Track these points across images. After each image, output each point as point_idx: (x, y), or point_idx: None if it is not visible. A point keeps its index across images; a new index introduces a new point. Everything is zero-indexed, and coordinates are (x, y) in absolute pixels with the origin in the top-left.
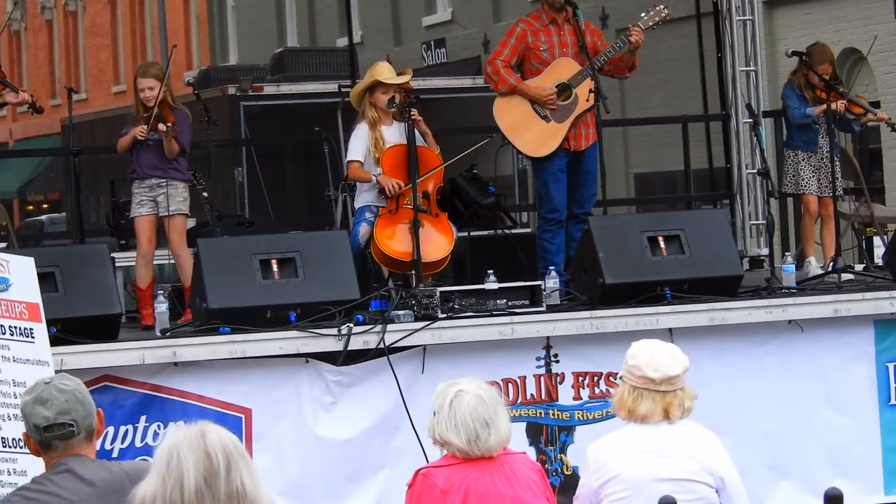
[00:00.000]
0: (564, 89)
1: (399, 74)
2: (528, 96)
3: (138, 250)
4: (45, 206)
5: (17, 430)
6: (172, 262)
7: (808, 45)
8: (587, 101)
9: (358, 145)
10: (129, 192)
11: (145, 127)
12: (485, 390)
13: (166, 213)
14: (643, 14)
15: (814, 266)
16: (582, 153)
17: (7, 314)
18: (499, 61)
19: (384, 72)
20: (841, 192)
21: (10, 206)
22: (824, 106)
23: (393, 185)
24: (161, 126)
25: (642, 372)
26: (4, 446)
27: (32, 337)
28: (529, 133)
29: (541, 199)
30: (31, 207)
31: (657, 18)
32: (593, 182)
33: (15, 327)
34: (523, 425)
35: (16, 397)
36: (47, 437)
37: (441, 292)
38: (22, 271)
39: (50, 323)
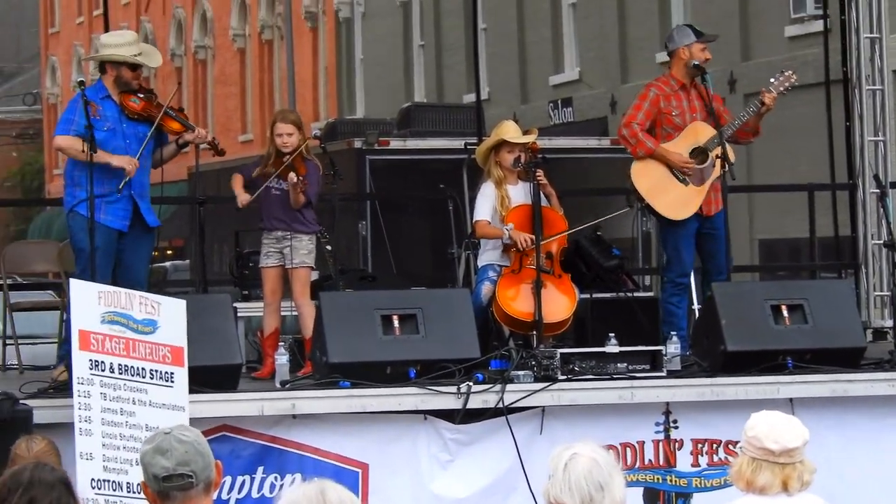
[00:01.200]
0: (700, 153)
1: (525, 133)
2: (665, 161)
3: (264, 300)
4: (168, 252)
5: None
6: (294, 314)
7: None
8: (714, 166)
9: (485, 204)
10: (253, 242)
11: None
12: (600, 454)
13: (291, 266)
14: (772, 79)
15: None
16: (711, 218)
17: (150, 357)
18: (636, 125)
19: (510, 130)
20: None
21: None
22: None
23: (525, 240)
24: (292, 176)
25: (762, 443)
26: (129, 491)
27: (172, 381)
28: (669, 196)
29: (669, 262)
30: (155, 253)
31: (787, 84)
32: (724, 247)
33: (156, 371)
34: (640, 490)
35: None
36: (166, 488)
37: (561, 354)
38: (172, 314)
39: None
